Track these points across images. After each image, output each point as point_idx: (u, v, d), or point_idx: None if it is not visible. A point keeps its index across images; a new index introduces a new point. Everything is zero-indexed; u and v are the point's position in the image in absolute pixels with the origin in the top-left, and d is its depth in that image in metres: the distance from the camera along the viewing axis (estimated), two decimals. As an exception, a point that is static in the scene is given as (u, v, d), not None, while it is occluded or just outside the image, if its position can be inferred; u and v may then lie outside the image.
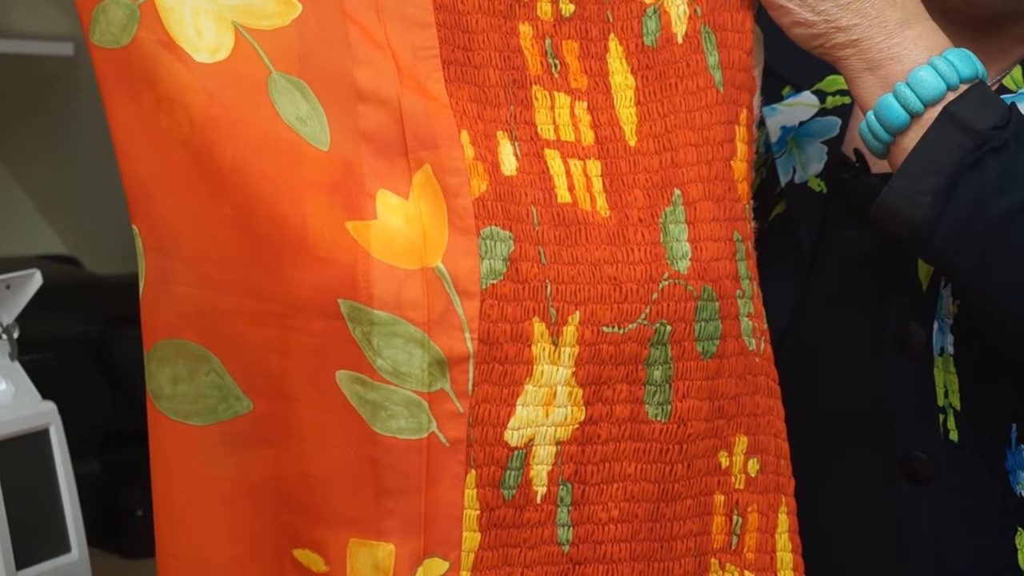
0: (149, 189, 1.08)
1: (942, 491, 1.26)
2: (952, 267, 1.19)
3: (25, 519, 1.65)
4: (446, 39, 1.12)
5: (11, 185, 2.50)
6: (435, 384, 1.06)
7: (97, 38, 1.08)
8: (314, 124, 1.07)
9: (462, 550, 1.07)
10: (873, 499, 1.29)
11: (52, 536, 1.70)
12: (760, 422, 1.19)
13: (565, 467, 1.10)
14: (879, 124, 1.17)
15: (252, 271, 1.07)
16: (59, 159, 2.43)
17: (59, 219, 2.53)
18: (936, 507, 1.26)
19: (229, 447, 1.10)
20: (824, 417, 1.31)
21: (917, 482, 1.26)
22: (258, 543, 1.11)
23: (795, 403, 1.28)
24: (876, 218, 1.18)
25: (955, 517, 1.26)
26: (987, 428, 1.26)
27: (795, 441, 1.26)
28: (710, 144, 1.19)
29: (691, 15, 1.21)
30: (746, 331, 1.18)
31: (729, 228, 1.18)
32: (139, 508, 2.00)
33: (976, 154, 1.15)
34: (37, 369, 1.71)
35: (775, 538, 1.19)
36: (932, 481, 1.26)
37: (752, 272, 1.21)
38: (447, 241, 1.07)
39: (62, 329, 2.04)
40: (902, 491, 1.27)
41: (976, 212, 1.15)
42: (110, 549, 2.00)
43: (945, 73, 1.17)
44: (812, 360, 1.31)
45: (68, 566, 1.69)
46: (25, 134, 2.48)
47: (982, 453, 1.26)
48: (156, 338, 1.10)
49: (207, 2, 1.08)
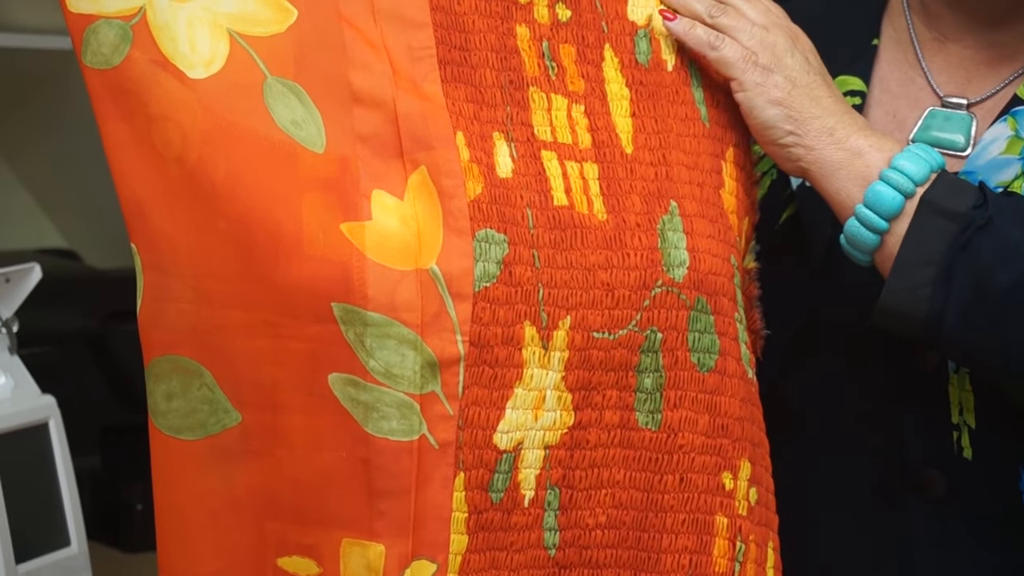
0: (145, 208, 1.09)
1: (954, 508, 1.27)
2: (969, 347, 1.19)
3: (25, 513, 1.67)
4: (442, 39, 1.13)
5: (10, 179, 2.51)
6: (427, 386, 1.07)
7: (89, 59, 1.09)
8: (310, 127, 1.08)
9: (450, 552, 1.08)
10: (884, 515, 1.29)
11: (52, 530, 1.71)
12: (758, 453, 1.19)
13: (553, 471, 1.11)
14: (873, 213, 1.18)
15: (247, 283, 1.08)
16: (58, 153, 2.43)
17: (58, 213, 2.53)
18: (948, 524, 1.27)
19: (216, 460, 1.11)
20: (832, 434, 1.32)
21: (929, 498, 1.27)
22: (240, 556, 1.11)
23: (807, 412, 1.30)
24: (879, 323, 1.19)
25: (966, 534, 1.27)
26: (1001, 447, 1.26)
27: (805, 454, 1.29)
28: (700, 170, 1.20)
29: (679, 48, 1.23)
30: (745, 358, 1.19)
31: (726, 250, 1.18)
32: (138, 502, 2.01)
33: (964, 236, 1.16)
34: (36, 363, 1.72)
35: (766, 572, 1.20)
36: (945, 498, 1.27)
37: (746, 304, 1.22)
38: (442, 243, 1.08)
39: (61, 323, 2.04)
40: (914, 507, 1.28)
41: (980, 290, 1.16)
42: (109, 543, 2.01)
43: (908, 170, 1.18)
44: (824, 372, 1.32)
45: (68, 560, 1.70)
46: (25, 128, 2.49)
47: (996, 471, 1.27)
48: (153, 354, 1.11)
49: (202, 11, 1.09)
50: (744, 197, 1.24)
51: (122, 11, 1.09)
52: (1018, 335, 1.16)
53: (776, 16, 1.25)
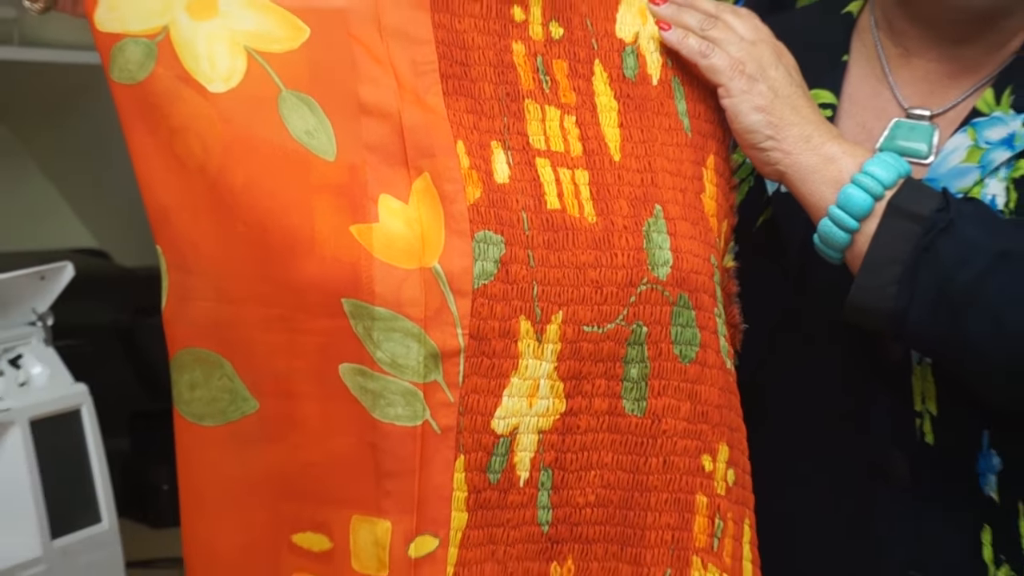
0: (169, 214, 1.09)
1: (917, 490, 1.27)
2: (932, 341, 1.20)
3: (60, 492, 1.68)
4: (444, 55, 1.13)
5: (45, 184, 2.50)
6: (429, 376, 1.07)
7: (116, 75, 1.09)
8: (321, 137, 1.09)
9: (451, 528, 1.08)
10: (853, 495, 1.30)
11: (84, 507, 1.72)
12: (736, 437, 1.19)
13: (546, 454, 1.11)
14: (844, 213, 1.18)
15: (263, 282, 1.08)
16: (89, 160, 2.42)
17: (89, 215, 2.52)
18: (910, 505, 1.27)
19: (236, 445, 1.11)
20: (804, 421, 1.32)
21: (895, 480, 1.28)
22: (257, 532, 1.11)
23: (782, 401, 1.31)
24: (849, 317, 1.20)
25: (928, 514, 1.27)
26: (961, 433, 1.27)
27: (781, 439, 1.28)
28: (683, 176, 1.20)
29: (663, 64, 1.23)
30: (724, 350, 1.19)
31: (707, 250, 1.18)
32: (164, 482, 2.01)
33: (928, 238, 1.16)
34: (70, 354, 1.74)
35: (743, 547, 1.19)
36: (907, 480, 1.27)
37: (725, 300, 1.22)
38: (443, 243, 1.08)
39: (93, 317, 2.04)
40: (880, 488, 1.28)
41: (942, 288, 1.16)
42: (138, 519, 2.00)
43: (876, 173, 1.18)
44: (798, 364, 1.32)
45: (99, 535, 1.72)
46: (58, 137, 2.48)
47: (955, 456, 1.27)
48: (177, 347, 1.11)
49: (222, 29, 1.09)
50: (723, 201, 1.24)
51: (147, 30, 1.09)
52: (976, 328, 1.17)
53: (763, 32, 1.25)
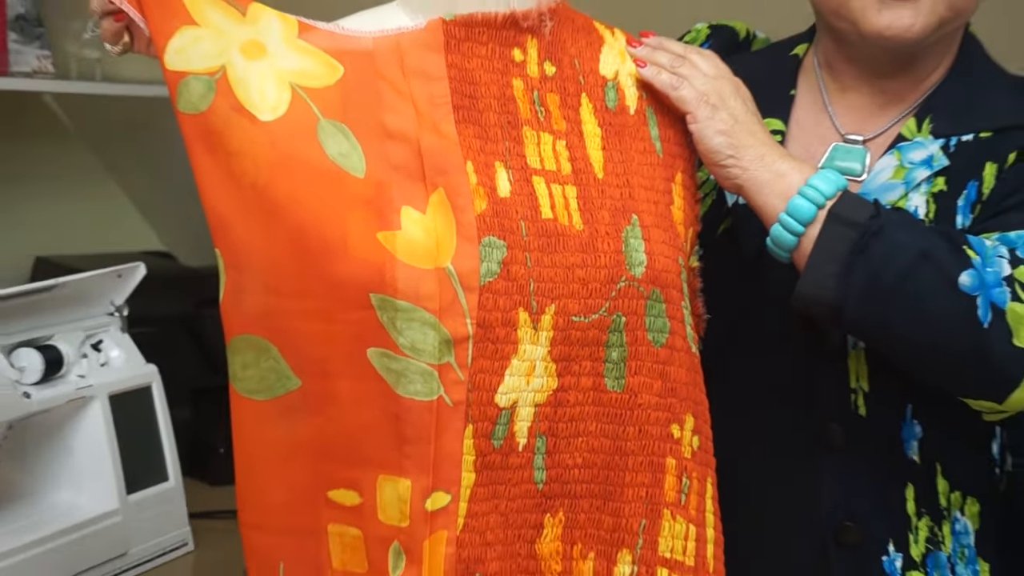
0: (226, 222, 1.10)
1: (852, 454, 1.28)
2: (867, 328, 1.20)
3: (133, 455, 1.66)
4: (456, 89, 1.14)
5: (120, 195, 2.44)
6: (443, 358, 1.08)
7: (182, 106, 1.09)
8: (353, 158, 1.09)
9: (461, 486, 1.09)
10: (798, 460, 1.30)
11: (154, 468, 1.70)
12: (700, 410, 1.20)
13: (541, 424, 1.12)
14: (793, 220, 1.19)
15: (304, 279, 1.08)
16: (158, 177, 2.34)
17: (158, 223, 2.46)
18: (847, 466, 1.28)
19: (282, 416, 1.11)
20: (759, 396, 1.32)
21: (833, 447, 1.29)
22: (299, 489, 1.12)
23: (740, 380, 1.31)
24: (797, 305, 1.20)
25: (861, 474, 1.28)
26: (889, 406, 1.28)
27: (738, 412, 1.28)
28: (655, 191, 1.21)
29: (639, 96, 1.24)
30: (690, 337, 1.19)
31: (675, 253, 1.19)
32: (221, 446, 1.93)
33: (862, 241, 1.16)
34: (143, 340, 1.71)
35: (706, 501, 1.20)
36: (844, 446, 1.28)
37: (691, 294, 1.22)
38: (455, 247, 1.09)
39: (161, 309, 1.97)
40: (822, 454, 1.29)
41: (874, 282, 1.16)
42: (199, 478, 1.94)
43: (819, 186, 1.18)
44: (754, 349, 1.32)
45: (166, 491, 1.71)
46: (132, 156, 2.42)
47: (884, 425, 1.28)
48: (232, 334, 1.12)
49: (270, 68, 1.10)
50: (690, 212, 1.24)
51: (208, 68, 1.10)
52: (902, 317, 1.16)
53: (723, 70, 1.26)
